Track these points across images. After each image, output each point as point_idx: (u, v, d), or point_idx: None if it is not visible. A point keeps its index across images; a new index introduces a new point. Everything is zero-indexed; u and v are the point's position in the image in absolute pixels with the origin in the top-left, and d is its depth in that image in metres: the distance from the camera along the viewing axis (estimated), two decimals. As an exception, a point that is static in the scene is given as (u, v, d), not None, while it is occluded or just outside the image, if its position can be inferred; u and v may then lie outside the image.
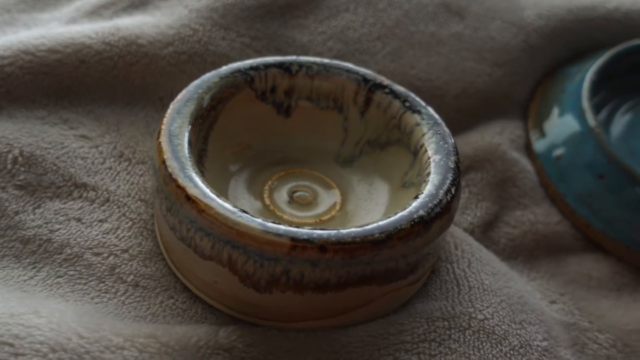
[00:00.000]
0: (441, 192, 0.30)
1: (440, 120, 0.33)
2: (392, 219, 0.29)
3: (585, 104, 0.38)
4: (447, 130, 0.33)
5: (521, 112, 0.41)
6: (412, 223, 0.28)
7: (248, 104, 0.34)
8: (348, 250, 0.27)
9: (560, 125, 0.38)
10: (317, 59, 0.35)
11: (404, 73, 0.39)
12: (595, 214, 0.37)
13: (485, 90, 0.40)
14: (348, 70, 0.35)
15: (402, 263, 0.29)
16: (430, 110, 0.33)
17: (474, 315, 0.30)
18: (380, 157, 0.35)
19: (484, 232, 0.36)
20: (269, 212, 0.33)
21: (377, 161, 0.35)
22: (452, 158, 0.31)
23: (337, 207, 0.33)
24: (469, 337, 0.30)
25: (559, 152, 0.38)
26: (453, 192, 0.30)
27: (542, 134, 0.39)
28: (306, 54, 0.39)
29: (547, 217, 0.37)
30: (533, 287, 0.35)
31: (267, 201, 0.33)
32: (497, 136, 0.39)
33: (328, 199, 0.34)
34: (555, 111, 0.39)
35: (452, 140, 0.32)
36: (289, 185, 0.34)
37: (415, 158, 0.33)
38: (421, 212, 0.29)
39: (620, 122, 0.40)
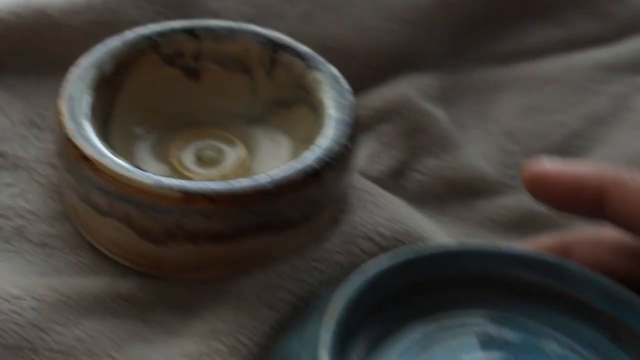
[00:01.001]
0: (334, 144, 0.31)
1: (340, 78, 0.34)
2: (283, 170, 0.30)
3: None
4: (346, 87, 0.34)
5: (432, 64, 0.42)
6: (303, 174, 0.30)
7: (155, 69, 0.35)
8: (239, 200, 0.29)
9: None
10: (223, 23, 0.36)
11: (314, 35, 0.40)
12: None
13: (396, 47, 0.41)
14: (253, 33, 0.36)
15: (295, 212, 0.30)
16: (332, 68, 0.35)
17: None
18: (287, 116, 0.36)
19: (394, 180, 0.38)
20: (175, 172, 0.34)
21: (283, 120, 0.36)
22: (349, 112, 0.33)
23: (243, 164, 0.34)
24: None
25: None
26: (347, 144, 0.31)
27: None
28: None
29: (456, 164, 0.38)
30: (440, 229, 0.36)
31: (174, 162, 0.34)
32: (407, 88, 0.40)
33: (234, 157, 0.35)
34: None
35: (351, 96, 0.33)
36: (197, 146, 0.35)
37: (316, 115, 0.34)
38: (312, 164, 0.30)
39: None
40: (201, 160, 0.34)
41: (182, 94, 0.36)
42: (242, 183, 0.29)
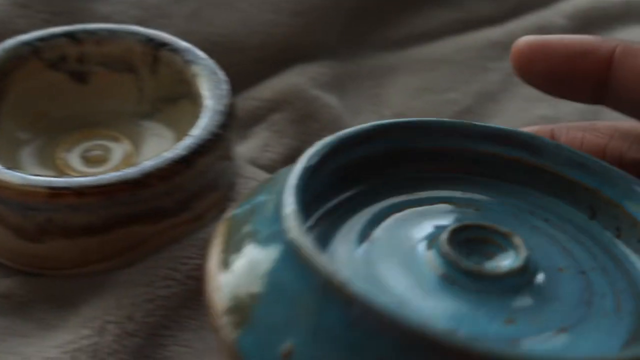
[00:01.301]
0: (205, 132, 0.32)
1: (217, 70, 0.35)
2: (153, 160, 0.31)
3: (302, 238, 0.22)
4: (223, 77, 0.35)
5: (325, 54, 0.43)
6: (172, 162, 0.31)
7: (38, 74, 0.36)
8: (105, 192, 0.30)
9: (271, 292, 0.22)
10: (103, 25, 0.37)
11: (202, 32, 0.41)
12: None
13: (286, 39, 0.42)
14: (133, 33, 0.37)
15: (169, 201, 0.31)
16: (209, 61, 0.36)
17: None
18: (173, 110, 0.37)
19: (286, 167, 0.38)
20: (62, 174, 0.34)
21: (169, 115, 0.37)
22: (223, 102, 0.34)
23: (129, 161, 0.35)
24: None
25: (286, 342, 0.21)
26: (218, 132, 0.32)
27: (248, 321, 0.22)
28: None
29: None
30: None
31: (60, 164, 0.35)
32: (298, 77, 0.41)
33: (121, 154, 0.36)
34: (252, 272, 0.23)
35: (226, 86, 0.34)
36: (83, 146, 0.36)
37: (197, 107, 0.35)
38: (181, 152, 0.31)
39: (358, 265, 0.25)
40: (88, 160, 0.35)
41: (70, 97, 0.37)
42: (108, 175, 0.30)
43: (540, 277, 0.25)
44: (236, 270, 0.23)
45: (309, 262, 0.22)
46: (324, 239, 0.25)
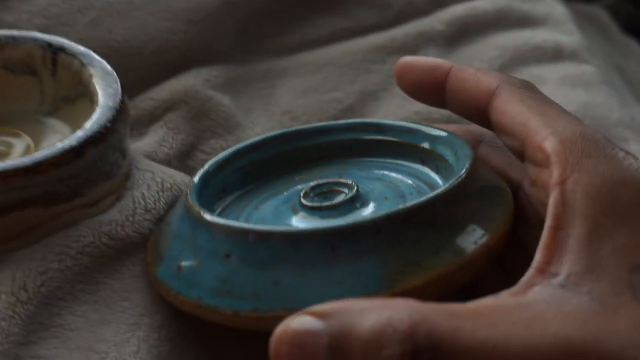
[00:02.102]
0: (96, 126, 0.35)
1: (111, 71, 0.38)
2: (47, 150, 0.34)
3: (190, 199, 0.34)
4: (115, 77, 0.38)
5: (221, 59, 0.47)
6: (63, 152, 0.34)
7: (-60, 77, 0.39)
8: (1, 177, 0.32)
9: (174, 239, 0.34)
10: (6, 32, 0.40)
11: (102, 38, 0.44)
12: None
13: (182, 45, 0.46)
14: (34, 39, 0.40)
15: (62, 187, 0.34)
16: (104, 63, 0.39)
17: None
18: (72, 110, 0.40)
19: (181, 161, 0.42)
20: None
21: (69, 114, 0.40)
22: (115, 99, 0.37)
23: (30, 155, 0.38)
24: None
25: (179, 263, 0.33)
26: (109, 125, 0.36)
27: (162, 259, 0.34)
28: (12, 32, 0.44)
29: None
30: None
31: (-36, 158, 0.38)
32: (193, 79, 0.44)
33: (22, 149, 0.38)
34: (166, 231, 0.35)
35: (118, 85, 0.38)
36: (-15, 142, 0.39)
37: (93, 104, 0.38)
38: (73, 142, 0.34)
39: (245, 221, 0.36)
40: (-11, 156, 0.38)
41: (-27, 98, 0.40)
42: (5, 163, 0.33)
43: (366, 205, 0.35)
44: (158, 237, 0.35)
45: (190, 210, 0.33)
46: (226, 216, 0.36)
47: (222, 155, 0.37)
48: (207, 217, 0.32)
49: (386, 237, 0.30)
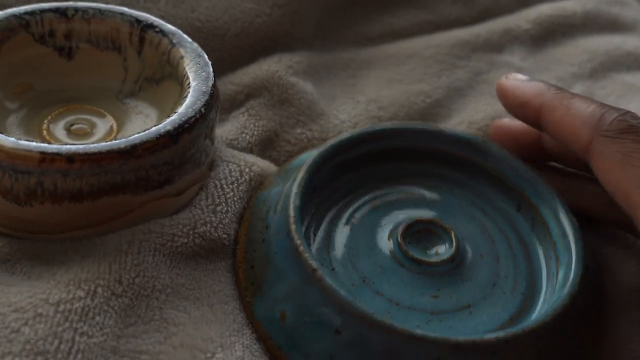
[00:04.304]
0: (190, 110, 0.34)
1: (202, 53, 0.37)
2: (142, 133, 0.32)
3: (297, 241, 0.31)
4: (207, 60, 0.36)
5: (302, 45, 0.45)
6: (158, 136, 0.32)
7: (26, 47, 0.37)
8: (95, 160, 0.31)
9: (275, 274, 0.32)
10: (92, 4, 0.38)
11: (185, 17, 0.42)
12: None
13: (265, 28, 0.44)
14: (122, 14, 0.38)
15: (154, 173, 0.32)
16: (195, 45, 0.37)
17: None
18: (157, 91, 0.38)
19: (263, 149, 0.40)
20: (46, 142, 0.36)
21: (153, 94, 0.38)
22: (208, 83, 0.35)
23: (113, 136, 0.37)
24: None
25: (282, 309, 0.31)
26: (203, 111, 0.34)
27: (261, 292, 0.32)
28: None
29: (323, 134, 0.41)
30: None
31: (45, 134, 0.36)
32: (275, 65, 0.43)
33: (104, 129, 0.37)
34: (265, 256, 0.33)
35: (210, 69, 0.36)
36: (68, 119, 0.37)
37: (181, 88, 0.36)
38: (168, 127, 0.32)
39: (340, 244, 0.35)
40: (72, 133, 0.36)
41: (55, 71, 0.38)
42: (99, 144, 0.31)
43: (464, 264, 0.34)
44: (253, 255, 0.33)
45: (301, 258, 0.31)
46: (319, 221, 0.35)
47: (318, 156, 0.35)
48: (322, 278, 0.30)
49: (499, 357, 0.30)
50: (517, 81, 0.36)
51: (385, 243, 0.34)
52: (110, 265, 0.31)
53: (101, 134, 0.36)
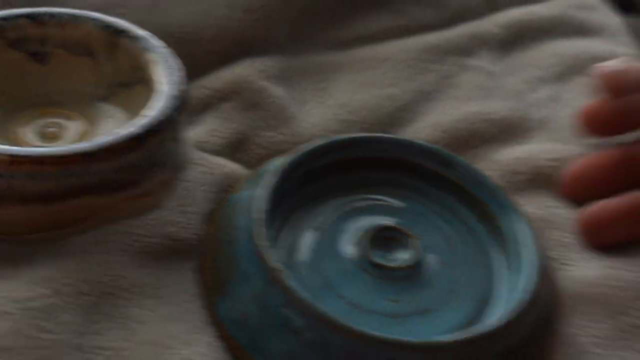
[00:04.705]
0: (158, 114, 0.35)
1: (172, 57, 0.38)
2: (108, 136, 0.33)
3: (262, 243, 0.32)
4: (177, 65, 0.37)
5: (275, 49, 0.46)
6: (124, 139, 0.33)
7: (0, 53, 0.38)
8: (62, 162, 0.32)
9: (240, 276, 0.33)
10: (67, 10, 0.39)
11: (159, 22, 0.43)
12: None
13: (238, 33, 0.45)
14: (95, 19, 0.39)
15: (121, 175, 0.33)
16: (166, 50, 0.38)
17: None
18: (129, 95, 0.39)
19: (232, 152, 0.41)
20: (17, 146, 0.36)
21: (125, 98, 0.39)
22: (177, 87, 0.36)
23: (83, 139, 0.37)
24: None
25: (245, 309, 0.32)
26: (170, 115, 0.35)
27: (226, 293, 0.33)
28: (67, 9, 0.43)
29: (293, 137, 0.42)
30: None
31: (17, 138, 0.37)
32: (247, 69, 0.43)
33: (76, 132, 0.38)
34: (230, 257, 0.34)
35: (180, 73, 0.37)
36: (41, 123, 0.38)
37: (152, 92, 0.37)
38: (135, 130, 0.33)
39: (306, 249, 0.36)
40: (44, 136, 0.37)
41: (29, 76, 0.39)
42: (66, 147, 0.32)
43: (425, 270, 0.35)
44: (219, 256, 0.34)
45: (265, 260, 0.32)
46: (287, 226, 0.36)
47: (289, 163, 0.36)
48: (284, 279, 0.31)
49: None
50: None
51: (349, 249, 0.35)
52: (77, 265, 0.32)
53: (72, 137, 0.37)
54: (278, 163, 0.37)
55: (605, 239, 0.37)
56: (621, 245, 0.37)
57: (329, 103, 0.44)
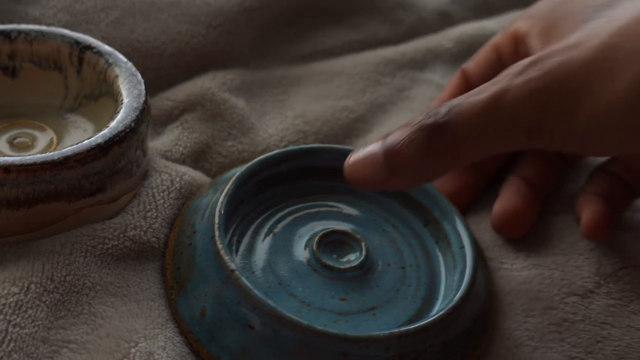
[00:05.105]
0: (121, 125, 0.37)
1: (136, 72, 0.40)
2: (74, 146, 0.35)
3: (219, 244, 0.35)
4: (140, 79, 0.39)
5: (237, 63, 0.48)
6: (89, 148, 0.35)
7: (-29, 67, 0.40)
8: (30, 170, 0.34)
9: (198, 275, 0.35)
10: (35, 27, 0.41)
11: (124, 37, 0.46)
12: None
13: (201, 48, 0.47)
14: (62, 35, 0.41)
15: (86, 182, 0.35)
16: (129, 64, 0.40)
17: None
18: (94, 107, 0.41)
19: (195, 160, 0.43)
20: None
21: (91, 111, 0.41)
22: (139, 100, 0.38)
23: (52, 149, 0.40)
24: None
25: (202, 306, 0.35)
26: (133, 125, 0.37)
27: (185, 291, 0.36)
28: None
29: (252, 147, 0.44)
30: None
31: (-11, 147, 0.39)
32: (209, 82, 0.46)
33: (45, 142, 0.40)
34: (190, 258, 0.36)
35: (143, 87, 0.39)
36: (11, 134, 0.40)
37: (116, 104, 0.39)
38: (99, 140, 0.36)
39: (262, 251, 0.38)
40: (14, 146, 0.39)
41: (0, 89, 0.41)
42: (34, 156, 0.34)
43: (372, 271, 0.38)
44: (179, 257, 0.37)
45: (222, 260, 0.34)
46: (244, 230, 0.38)
47: (245, 171, 0.38)
48: (239, 278, 0.33)
49: (392, 352, 0.33)
50: None
51: (301, 251, 0.38)
52: (44, 265, 0.34)
53: (42, 147, 0.39)
54: (236, 171, 0.39)
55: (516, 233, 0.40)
56: (548, 244, 0.40)
57: (287, 114, 0.47)
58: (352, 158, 0.34)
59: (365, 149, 0.33)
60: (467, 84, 0.42)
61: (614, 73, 0.29)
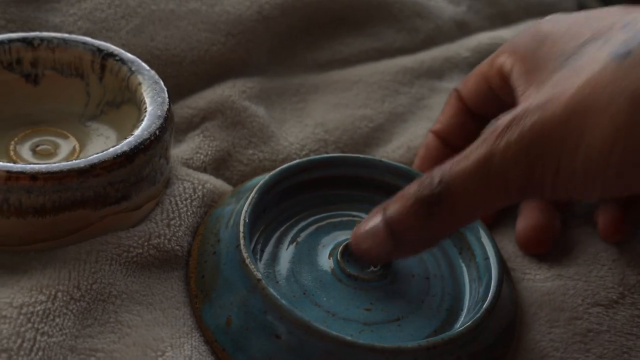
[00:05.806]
0: (146, 133, 0.37)
1: (158, 80, 0.40)
2: (100, 154, 0.35)
3: (245, 253, 0.35)
4: (163, 87, 0.39)
5: (255, 71, 0.48)
6: (115, 156, 0.35)
7: (-5, 74, 0.40)
8: (56, 178, 0.34)
9: (224, 284, 0.35)
10: (57, 34, 0.41)
11: (144, 45, 0.46)
12: None
13: (220, 56, 0.47)
14: (84, 43, 0.41)
15: (111, 190, 0.35)
16: (152, 72, 0.40)
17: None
18: (117, 114, 0.41)
19: (216, 168, 0.43)
20: (12, 162, 0.38)
21: (114, 118, 0.41)
22: (163, 108, 0.38)
23: (75, 156, 0.40)
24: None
25: (228, 315, 0.34)
26: (157, 133, 0.37)
27: (210, 300, 0.35)
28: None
29: (273, 155, 0.44)
30: None
31: (12, 155, 0.39)
32: (229, 90, 0.46)
33: (68, 150, 0.40)
34: (215, 267, 0.36)
35: (166, 95, 0.39)
36: (34, 141, 0.40)
37: (139, 112, 0.39)
38: (124, 148, 0.36)
39: (285, 260, 0.38)
40: (37, 153, 0.39)
41: (22, 96, 0.41)
42: (60, 164, 0.34)
43: (396, 281, 0.38)
44: (203, 265, 0.37)
45: (247, 269, 0.34)
46: (267, 239, 0.39)
47: (268, 180, 0.38)
48: (265, 287, 0.33)
49: None
50: None
51: (325, 260, 0.38)
52: (70, 273, 0.34)
53: (64, 154, 0.39)
54: (258, 180, 0.39)
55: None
56: (570, 255, 0.40)
57: (307, 122, 0.47)
58: (356, 233, 0.36)
59: (367, 225, 0.35)
60: (465, 109, 0.43)
61: (585, 128, 0.30)
